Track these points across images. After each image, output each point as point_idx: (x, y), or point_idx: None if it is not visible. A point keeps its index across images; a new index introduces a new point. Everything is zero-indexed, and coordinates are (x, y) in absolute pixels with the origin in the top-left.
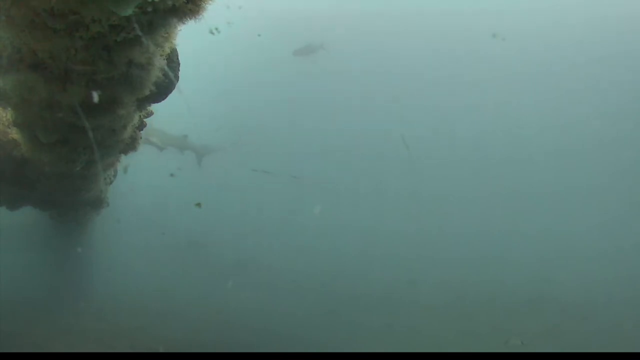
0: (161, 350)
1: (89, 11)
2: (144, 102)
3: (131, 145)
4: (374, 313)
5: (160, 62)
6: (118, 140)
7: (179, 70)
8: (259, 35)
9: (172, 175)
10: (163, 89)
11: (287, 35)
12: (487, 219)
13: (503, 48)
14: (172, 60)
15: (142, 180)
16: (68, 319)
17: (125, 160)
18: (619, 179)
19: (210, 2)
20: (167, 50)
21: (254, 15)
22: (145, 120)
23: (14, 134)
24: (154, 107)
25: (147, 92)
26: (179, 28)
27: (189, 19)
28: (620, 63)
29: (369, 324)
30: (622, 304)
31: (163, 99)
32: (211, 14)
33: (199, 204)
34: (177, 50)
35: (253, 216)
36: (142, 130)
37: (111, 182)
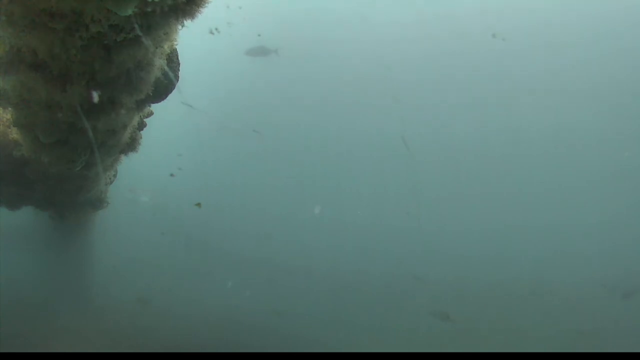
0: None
1: (89, 9)
2: (143, 102)
3: (131, 145)
4: (375, 313)
5: (160, 62)
6: (118, 141)
7: (179, 70)
8: (259, 35)
9: (172, 175)
10: (163, 89)
11: (288, 36)
12: (486, 217)
13: (503, 48)
14: (172, 60)
15: (142, 180)
16: (68, 319)
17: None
18: (619, 179)
19: (209, 2)
20: (167, 50)
21: (254, 15)
22: (145, 120)
23: (15, 134)
24: (153, 107)
25: (147, 92)
26: (178, 28)
27: (188, 19)
28: (621, 62)
29: (369, 323)
30: (623, 302)
31: (163, 99)
32: (211, 14)
33: (199, 204)
34: (177, 50)
35: (253, 216)
36: (142, 130)
37: (111, 182)
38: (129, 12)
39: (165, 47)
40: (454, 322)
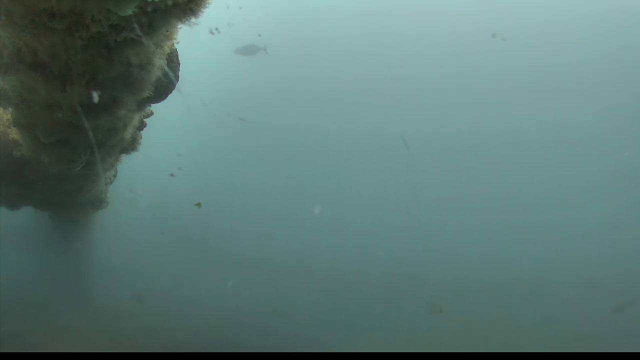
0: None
1: (89, 9)
2: (144, 102)
3: (132, 145)
4: (375, 313)
5: (160, 62)
6: (118, 140)
7: (179, 70)
8: (259, 35)
9: (172, 175)
10: (163, 89)
11: (288, 36)
12: (486, 217)
13: (503, 48)
14: (172, 60)
15: (142, 180)
16: (68, 319)
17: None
18: (619, 179)
19: (210, 2)
20: (167, 50)
21: (254, 15)
22: (145, 120)
23: (15, 134)
24: (153, 107)
25: (147, 92)
26: (179, 28)
27: (188, 19)
28: (621, 62)
29: (369, 323)
30: (622, 301)
31: (163, 99)
32: (212, 14)
33: (198, 204)
34: (177, 50)
35: (253, 216)
36: (142, 130)
37: (111, 182)
38: (129, 12)
39: (166, 47)
40: (447, 316)
